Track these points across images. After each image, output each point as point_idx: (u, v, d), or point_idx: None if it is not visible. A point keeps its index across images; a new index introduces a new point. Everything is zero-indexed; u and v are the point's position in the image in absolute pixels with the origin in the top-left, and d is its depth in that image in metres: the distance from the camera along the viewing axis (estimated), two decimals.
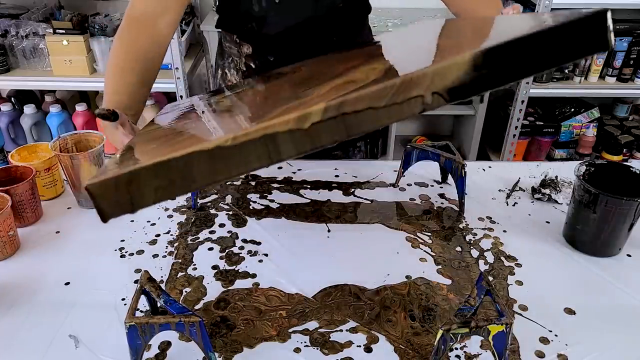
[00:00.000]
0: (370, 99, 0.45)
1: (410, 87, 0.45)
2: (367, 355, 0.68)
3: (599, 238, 0.84)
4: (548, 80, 2.07)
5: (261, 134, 0.44)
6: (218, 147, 0.43)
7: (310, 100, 0.48)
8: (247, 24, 0.96)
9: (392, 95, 0.45)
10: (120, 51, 0.83)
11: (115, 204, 0.44)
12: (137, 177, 0.43)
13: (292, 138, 0.45)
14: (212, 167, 0.44)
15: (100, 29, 1.98)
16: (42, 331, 0.71)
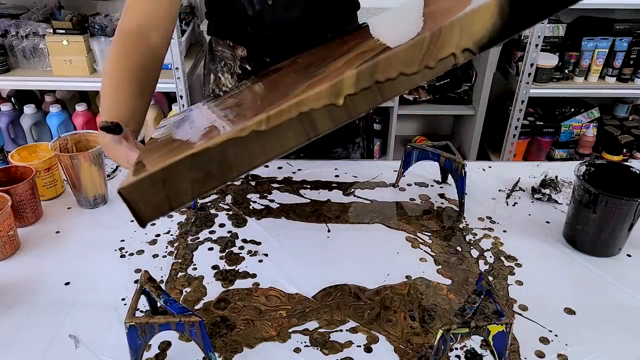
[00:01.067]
0: (403, 59, 0.43)
1: (441, 43, 0.43)
2: (367, 355, 0.68)
3: (599, 238, 0.84)
4: (548, 80, 2.07)
5: (295, 112, 0.43)
6: (254, 132, 0.42)
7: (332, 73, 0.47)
8: (241, 27, 0.96)
9: (425, 52, 0.43)
10: (115, 67, 0.82)
11: (152, 205, 0.43)
12: (172, 172, 0.42)
13: (328, 112, 0.44)
14: (249, 152, 0.43)
15: (100, 29, 1.98)
16: (42, 331, 0.71)
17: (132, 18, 0.83)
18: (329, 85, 0.43)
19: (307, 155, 1.12)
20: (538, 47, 1.94)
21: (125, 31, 0.83)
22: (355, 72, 0.43)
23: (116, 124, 0.69)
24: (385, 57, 0.44)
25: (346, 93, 0.43)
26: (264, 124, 0.43)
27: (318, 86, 0.44)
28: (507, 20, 0.44)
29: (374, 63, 0.43)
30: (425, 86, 2.40)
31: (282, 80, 0.65)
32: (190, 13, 2.24)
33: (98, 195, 0.96)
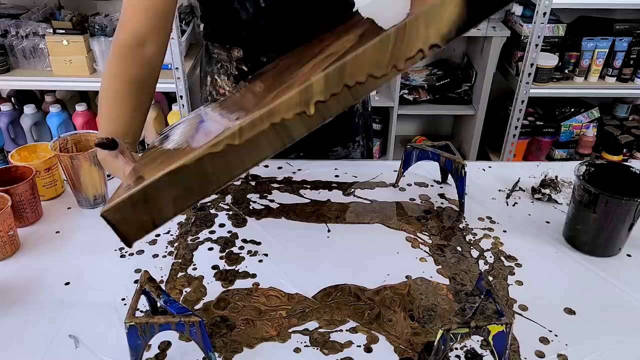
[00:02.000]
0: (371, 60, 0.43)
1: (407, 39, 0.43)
2: (367, 355, 0.68)
3: (599, 238, 0.84)
4: (548, 80, 2.07)
5: (268, 123, 0.43)
6: (228, 145, 0.42)
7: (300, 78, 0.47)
8: (236, 30, 0.96)
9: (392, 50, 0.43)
10: (112, 80, 0.82)
11: (136, 225, 0.43)
12: (152, 191, 0.42)
13: (301, 120, 0.44)
14: (226, 165, 0.43)
15: (100, 29, 1.98)
16: (42, 331, 0.71)
17: (128, 30, 0.84)
18: (297, 91, 0.43)
19: (307, 154, 1.12)
20: (538, 47, 1.94)
21: (121, 44, 0.84)
22: (323, 76, 0.43)
23: (111, 140, 0.70)
24: (352, 59, 0.43)
25: (316, 99, 0.43)
26: (237, 138, 0.43)
27: (287, 93, 0.43)
28: (472, 9, 0.43)
29: (341, 66, 0.43)
30: (425, 86, 2.40)
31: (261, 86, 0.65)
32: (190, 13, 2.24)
33: (98, 195, 0.96)
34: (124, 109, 0.81)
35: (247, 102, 0.60)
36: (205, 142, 0.44)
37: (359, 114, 1.16)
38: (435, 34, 0.44)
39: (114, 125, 0.79)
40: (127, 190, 0.43)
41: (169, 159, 0.48)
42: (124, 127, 0.80)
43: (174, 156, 0.49)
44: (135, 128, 0.82)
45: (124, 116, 0.81)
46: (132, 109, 0.82)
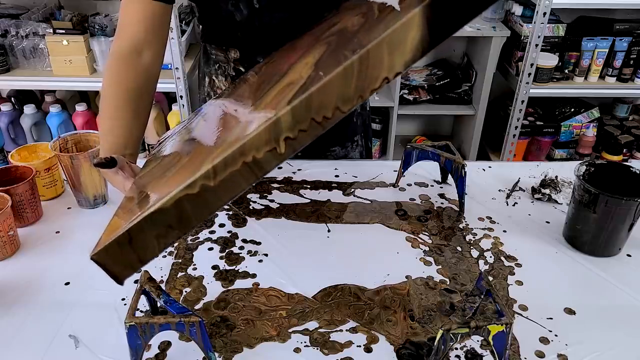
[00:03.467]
0: (337, 93, 0.43)
1: (372, 70, 0.43)
2: (367, 355, 0.68)
3: (599, 238, 0.84)
4: (548, 80, 2.07)
5: (240, 162, 0.44)
6: (203, 185, 0.44)
7: (267, 107, 0.48)
8: (232, 32, 0.96)
9: (357, 81, 0.43)
10: (111, 90, 0.83)
11: (124, 265, 0.45)
12: (136, 233, 0.44)
13: (272, 155, 0.45)
14: (203, 203, 0.45)
15: (100, 29, 1.98)
16: (42, 331, 0.71)
17: (125, 40, 0.85)
18: (265, 128, 0.43)
19: (305, 154, 1.12)
20: (538, 47, 1.94)
21: (118, 53, 0.85)
22: (289, 110, 0.43)
23: (110, 159, 0.72)
24: (317, 91, 0.43)
25: (285, 136, 0.44)
26: (211, 179, 0.44)
27: (255, 125, 0.44)
28: (434, 31, 0.43)
29: (307, 98, 0.43)
30: (425, 86, 2.40)
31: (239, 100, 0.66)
32: (190, 13, 2.24)
33: (98, 195, 0.96)
34: (123, 119, 0.82)
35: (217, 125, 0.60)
36: (180, 183, 0.45)
37: (357, 113, 1.16)
38: (400, 61, 0.44)
39: (115, 137, 0.81)
40: (109, 237, 0.45)
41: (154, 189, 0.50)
42: (125, 137, 0.81)
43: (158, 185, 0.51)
44: (136, 137, 0.83)
45: (124, 126, 0.82)
46: (131, 118, 0.83)
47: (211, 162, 0.44)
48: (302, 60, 0.58)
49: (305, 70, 0.52)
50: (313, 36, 0.71)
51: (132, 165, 0.78)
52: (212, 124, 0.62)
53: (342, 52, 0.47)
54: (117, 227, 0.46)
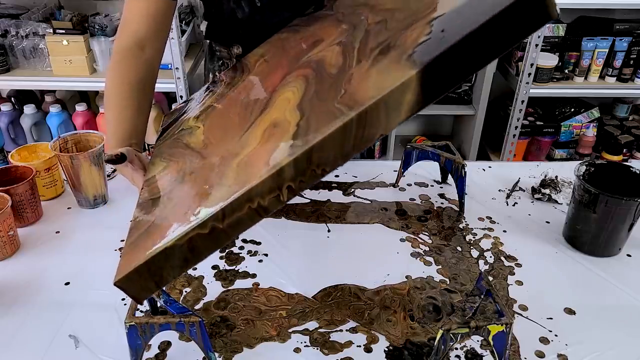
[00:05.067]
0: (335, 144, 0.47)
1: (369, 127, 0.47)
2: (367, 355, 0.68)
3: (599, 238, 0.84)
4: (548, 80, 2.07)
5: (246, 207, 0.49)
6: (213, 226, 0.49)
7: (264, 147, 0.52)
8: (234, 29, 0.97)
9: (354, 138, 0.47)
10: (115, 83, 0.86)
11: (143, 288, 0.50)
12: (153, 264, 0.49)
13: (276, 199, 0.49)
14: (214, 240, 0.50)
15: (100, 29, 1.98)
16: (42, 331, 0.71)
17: (128, 34, 0.87)
18: (269, 176, 0.48)
19: None
20: (538, 47, 1.94)
21: (122, 48, 0.87)
22: (292, 161, 0.47)
23: (120, 155, 0.75)
24: (318, 145, 0.47)
25: (287, 185, 0.48)
26: (220, 222, 0.49)
27: (257, 167, 0.49)
28: (427, 94, 0.45)
29: (308, 151, 0.47)
30: None
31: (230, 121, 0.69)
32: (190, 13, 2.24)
33: (98, 195, 0.96)
34: (128, 112, 0.84)
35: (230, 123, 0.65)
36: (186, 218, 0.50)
37: None
38: (395, 121, 0.47)
39: (121, 130, 0.83)
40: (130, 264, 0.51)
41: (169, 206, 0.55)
42: (130, 130, 0.83)
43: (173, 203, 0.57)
44: (140, 128, 0.85)
45: (129, 119, 0.84)
46: (136, 111, 0.85)
47: (220, 208, 0.48)
48: (283, 92, 0.62)
49: (290, 112, 0.55)
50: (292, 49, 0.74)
51: (139, 156, 0.79)
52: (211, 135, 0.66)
53: (332, 103, 0.49)
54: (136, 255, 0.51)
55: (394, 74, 0.46)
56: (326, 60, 0.62)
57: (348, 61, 0.57)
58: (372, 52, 0.55)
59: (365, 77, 0.50)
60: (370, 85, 0.48)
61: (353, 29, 0.65)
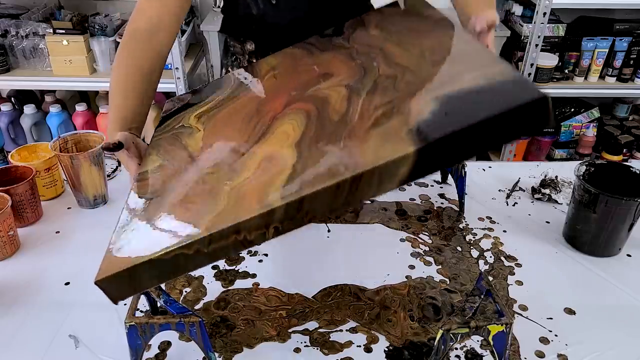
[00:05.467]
0: (326, 202, 0.49)
1: (360, 190, 0.49)
2: (367, 355, 0.68)
3: (599, 238, 0.84)
4: (548, 80, 2.07)
5: (233, 238, 0.51)
6: (198, 249, 0.51)
7: (258, 186, 0.54)
8: (248, 26, 0.97)
9: (345, 198, 0.49)
10: (122, 65, 0.86)
11: (120, 291, 0.52)
12: (134, 272, 0.51)
13: (261, 235, 0.51)
14: (196, 260, 0.52)
15: (100, 29, 1.98)
16: (42, 331, 0.71)
17: (143, 18, 0.87)
18: (260, 214, 0.49)
19: None
20: (538, 47, 1.94)
21: (134, 31, 0.87)
22: (284, 205, 0.49)
23: (117, 143, 0.75)
24: (310, 196, 0.49)
25: (275, 225, 0.50)
26: (206, 247, 0.50)
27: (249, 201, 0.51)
28: (420, 170, 0.48)
29: (300, 199, 0.49)
30: None
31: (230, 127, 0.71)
32: (190, 13, 2.24)
33: (98, 195, 0.96)
34: (132, 97, 0.84)
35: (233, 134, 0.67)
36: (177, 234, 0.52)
37: None
38: (385, 189, 0.49)
39: (122, 112, 0.82)
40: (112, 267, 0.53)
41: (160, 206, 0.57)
42: (131, 114, 0.82)
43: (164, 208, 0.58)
44: (142, 114, 0.85)
45: (132, 105, 0.83)
46: (140, 96, 0.84)
47: (208, 230, 0.50)
48: (283, 122, 0.63)
49: (288, 150, 0.57)
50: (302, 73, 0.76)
51: (137, 143, 0.79)
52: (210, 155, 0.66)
53: (330, 156, 0.52)
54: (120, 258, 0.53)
55: (393, 146, 0.48)
56: (331, 101, 0.63)
57: (351, 111, 0.59)
58: (375, 111, 0.56)
59: (365, 139, 0.52)
60: (369, 150, 0.50)
61: (363, 74, 0.66)
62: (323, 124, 0.59)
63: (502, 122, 0.46)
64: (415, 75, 0.60)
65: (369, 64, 0.68)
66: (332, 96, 0.64)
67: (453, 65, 0.59)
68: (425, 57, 0.63)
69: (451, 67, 0.59)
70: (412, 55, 0.65)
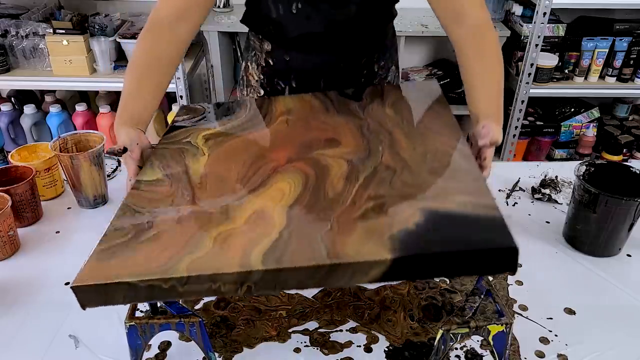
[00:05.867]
0: (302, 277, 0.53)
1: (336, 276, 0.52)
2: (367, 355, 0.68)
3: (599, 238, 0.84)
4: (548, 80, 2.07)
5: (208, 285, 0.53)
6: (173, 285, 0.53)
7: (240, 245, 0.56)
8: (266, 26, 0.97)
9: (321, 279, 0.53)
10: (140, 54, 0.85)
11: (92, 300, 0.55)
12: (111, 288, 0.54)
13: (233, 289, 0.54)
14: (170, 295, 0.54)
15: (100, 29, 1.98)
16: (42, 331, 0.71)
17: (167, 6, 0.86)
18: (238, 273, 0.52)
19: None
20: (538, 47, 1.94)
21: (156, 20, 0.86)
22: (262, 271, 0.52)
23: (122, 149, 0.75)
24: (288, 271, 0.52)
25: (248, 284, 0.53)
26: (181, 286, 0.53)
27: (231, 254, 0.54)
28: (393, 275, 0.52)
29: (277, 270, 0.52)
30: None
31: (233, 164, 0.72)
32: None
33: (98, 195, 0.96)
34: (146, 91, 0.83)
35: (230, 180, 0.69)
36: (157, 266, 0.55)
37: None
38: (357, 281, 0.53)
39: (133, 104, 0.82)
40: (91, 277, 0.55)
41: (137, 249, 0.58)
42: (141, 107, 0.82)
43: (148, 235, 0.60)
44: (151, 108, 0.84)
45: (143, 99, 0.83)
46: (153, 89, 0.84)
47: (188, 271, 0.53)
48: (282, 178, 0.66)
49: (279, 212, 0.60)
50: (312, 129, 0.79)
51: (141, 142, 0.78)
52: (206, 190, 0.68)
53: (316, 234, 0.55)
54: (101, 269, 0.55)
55: (373, 247, 0.52)
56: (330, 173, 0.67)
57: (345, 193, 0.62)
58: (367, 202, 0.60)
59: (351, 230, 0.56)
60: (351, 244, 0.53)
61: (367, 154, 0.70)
62: (317, 197, 0.62)
63: (472, 257, 0.51)
64: (412, 176, 0.64)
65: (375, 147, 0.72)
66: (333, 168, 0.68)
67: (448, 180, 0.63)
68: (426, 160, 0.68)
69: (445, 181, 0.63)
70: (415, 154, 0.69)
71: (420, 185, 0.62)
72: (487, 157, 0.77)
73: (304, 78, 1.00)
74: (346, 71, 0.99)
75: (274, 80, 1.02)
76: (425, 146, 0.70)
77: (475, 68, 0.84)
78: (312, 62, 0.98)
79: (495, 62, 0.85)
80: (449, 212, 0.56)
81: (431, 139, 0.72)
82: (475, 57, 0.84)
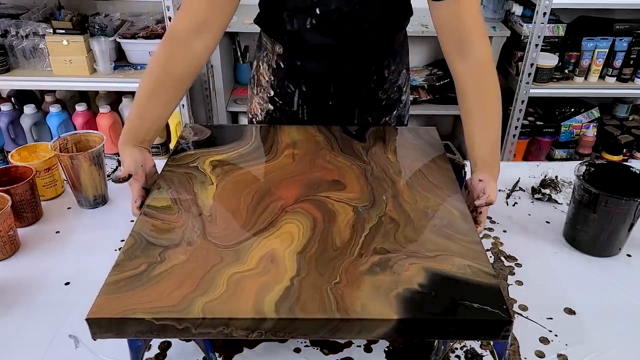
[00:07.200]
0: (312, 326, 0.55)
1: (343, 330, 0.55)
2: (367, 355, 0.68)
3: (599, 238, 0.84)
4: (548, 80, 2.07)
5: (221, 328, 0.55)
6: (187, 327, 0.55)
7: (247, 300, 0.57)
8: (280, 34, 0.97)
9: (329, 331, 0.56)
10: (154, 66, 0.84)
11: (104, 332, 0.56)
12: (124, 323, 0.55)
13: (244, 335, 0.56)
14: (182, 334, 0.55)
15: (100, 29, 1.98)
16: (42, 331, 0.71)
17: (187, 17, 0.84)
18: (252, 319, 0.54)
19: None
20: (538, 47, 1.94)
21: (176, 31, 0.84)
22: (274, 323, 0.54)
23: (127, 177, 0.76)
24: (299, 322, 0.55)
25: (260, 330, 0.55)
26: (195, 327, 0.55)
27: (244, 301, 0.56)
28: (397, 332, 0.55)
29: (288, 322, 0.54)
30: (425, 86, 2.40)
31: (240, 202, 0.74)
32: None
33: (98, 195, 0.96)
34: (154, 108, 0.82)
35: (237, 222, 0.70)
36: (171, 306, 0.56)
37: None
38: (362, 336, 0.56)
39: (142, 121, 0.81)
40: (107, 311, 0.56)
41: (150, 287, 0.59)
42: (150, 124, 0.82)
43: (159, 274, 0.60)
44: (159, 125, 0.84)
45: (151, 117, 0.82)
46: (162, 106, 0.83)
47: (203, 313, 0.55)
48: (291, 220, 0.69)
49: (289, 258, 0.62)
50: (318, 168, 0.81)
51: (145, 164, 0.78)
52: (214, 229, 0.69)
53: (325, 285, 0.58)
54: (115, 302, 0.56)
55: (380, 306, 0.55)
56: (337, 220, 0.69)
57: (353, 244, 0.65)
58: (373, 255, 0.63)
59: (359, 284, 0.58)
60: (359, 300, 0.56)
61: (372, 203, 0.73)
62: (325, 245, 0.65)
63: (471, 325, 0.55)
64: (415, 232, 0.67)
65: (379, 196, 0.74)
66: (340, 214, 0.70)
67: (448, 241, 0.66)
68: (427, 216, 0.71)
69: (446, 242, 0.65)
70: (417, 208, 0.72)
71: (423, 243, 0.65)
72: (482, 213, 0.78)
73: (314, 83, 1.00)
74: (356, 77, 0.99)
75: (284, 82, 1.02)
76: (426, 201, 0.74)
77: (474, 111, 0.87)
78: (323, 68, 0.98)
79: (495, 104, 0.87)
80: (450, 275, 0.59)
81: (432, 193, 0.76)
82: (475, 98, 0.87)
